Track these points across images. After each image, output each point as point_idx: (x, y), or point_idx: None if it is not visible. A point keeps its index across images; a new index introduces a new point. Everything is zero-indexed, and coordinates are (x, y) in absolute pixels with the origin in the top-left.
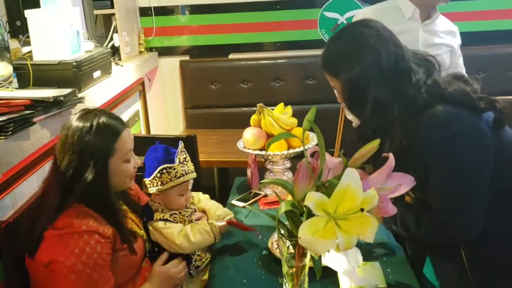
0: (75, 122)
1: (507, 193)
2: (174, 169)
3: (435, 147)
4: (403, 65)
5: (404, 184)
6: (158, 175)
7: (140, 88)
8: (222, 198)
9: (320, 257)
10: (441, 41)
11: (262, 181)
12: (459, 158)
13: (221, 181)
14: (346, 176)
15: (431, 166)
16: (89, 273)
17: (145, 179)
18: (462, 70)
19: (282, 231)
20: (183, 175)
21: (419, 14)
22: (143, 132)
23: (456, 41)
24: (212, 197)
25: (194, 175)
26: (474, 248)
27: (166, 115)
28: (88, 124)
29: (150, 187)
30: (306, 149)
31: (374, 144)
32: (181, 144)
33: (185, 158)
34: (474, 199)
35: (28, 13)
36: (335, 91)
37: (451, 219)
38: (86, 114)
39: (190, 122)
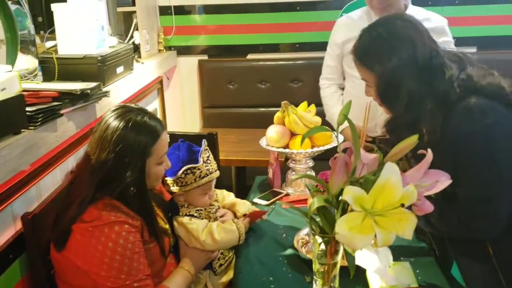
0: (115, 119)
1: None
2: (199, 169)
3: (470, 138)
4: (437, 60)
5: (441, 181)
6: (182, 175)
7: (158, 86)
8: (238, 197)
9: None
10: None
11: (294, 177)
12: (494, 148)
13: (238, 180)
14: (386, 170)
15: (463, 157)
16: (128, 263)
17: (168, 178)
18: None
19: (316, 229)
20: (207, 175)
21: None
22: None
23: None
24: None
25: (217, 173)
26: (502, 244)
27: (183, 114)
28: (130, 123)
29: (174, 186)
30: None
31: (412, 140)
32: (204, 142)
33: (208, 156)
34: (506, 189)
35: (55, 7)
36: (366, 84)
37: (483, 210)
38: (127, 112)
39: (207, 121)
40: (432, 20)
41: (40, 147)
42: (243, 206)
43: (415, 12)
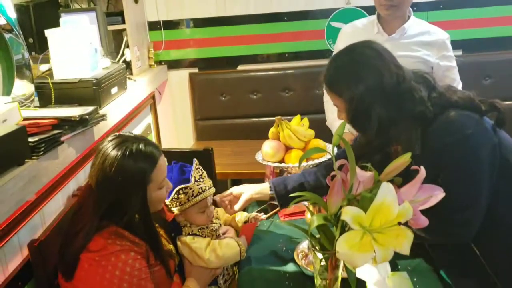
0: (112, 149)
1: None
2: (190, 188)
3: (451, 149)
4: (404, 85)
5: (434, 195)
6: (175, 196)
7: (151, 101)
8: None
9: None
10: (407, 53)
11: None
12: (475, 158)
13: None
14: (382, 190)
15: (445, 168)
16: None
17: (165, 200)
18: (458, 86)
19: (316, 246)
20: (200, 193)
21: (391, 27)
22: None
23: (434, 54)
24: None
25: (212, 190)
26: (488, 244)
27: (176, 127)
28: (127, 152)
29: (171, 207)
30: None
31: (405, 158)
32: (195, 162)
33: (201, 175)
34: (484, 196)
35: (48, 33)
36: (337, 110)
37: (461, 217)
38: (123, 141)
39: (200, 133)
40: (433, 33)
41: (43, 175)
42: (241, 217)
43: (417, 24)
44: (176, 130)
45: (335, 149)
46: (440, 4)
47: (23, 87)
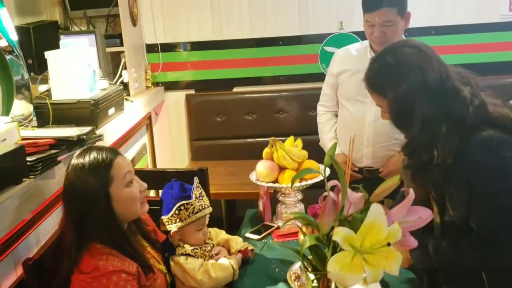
0: (71, 164)
1: None
2: (192, 204)
3: (486, 170)
4: (448, 83)
5: (422, 218)
6: (177, 212)
7: (147, 122)
8: (229, 229)
9: None
10: None
11: (286, 218)
12: (508, 180)
13: (229, 213)
14: (371, 212)
15: (478, 188)
16: None
17: (163, 217)
18: None
19: (308, 267)
20: (200, 210)
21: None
22: (150, 165)
23: None
24: (219, 229)
25: (210, 209)
26: (498, 274)
27: (171, 147)
28: (80, 164)
29: (169, 224)
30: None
31: (394, 181)
32: (196, 180)
33: (200, 193)
34: None
35: (48, 54)
36: (381, 110)
37: (501, 241)
38: (79, 155)
39: (196, 153)
40: None
41: (40, 194)
42: (237, 243)
43: None
44: (172, 150)
45: (327, 169)
46: (432, 30)
47: (22, 107)
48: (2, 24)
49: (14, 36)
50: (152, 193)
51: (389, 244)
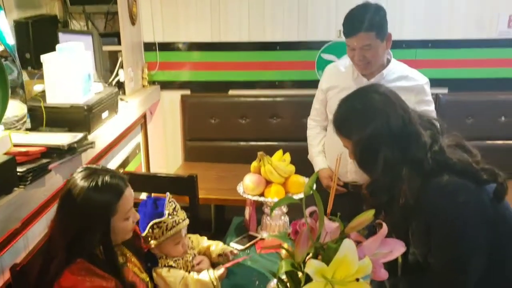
0: (80, 181)
1: (501, 261)
2: (164, 222)
3: (441, 214)
4: (410, 128)
5: (395, 250)
6: (150, 231)
7: (142, 121)
8: (218, 232)
9: None
10: None
11: (271, 229)
12: (464, 226)
13: (218, 216)
14: (343, 246)
15: (435, 230)
16: None
17: (141, 234)
18: None
19: None
20: (174, 226)
21: (371, 73)
22: (143, 164)
23: (412, 99)
24: (208, 231)
25: (186, 222)
26: None
27: (165, 147)
28: (93, 184)
29: (146, 241)
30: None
31: (368, 215)
32: (168, 196)
33: (174, 208)
34: (473, 263)
35: (44, 58)
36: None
37: (453, 281)
38: (90, 173)
39: (189, 154)
40: (411, 79)
41: (30, 203)
42: (216, 248)
43: (397, 68)
44: (165, 150)
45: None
46: (429, 43)
47: (16, 108)
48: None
49: (11, 40)
50: (143, 195)
51: (357, 280)
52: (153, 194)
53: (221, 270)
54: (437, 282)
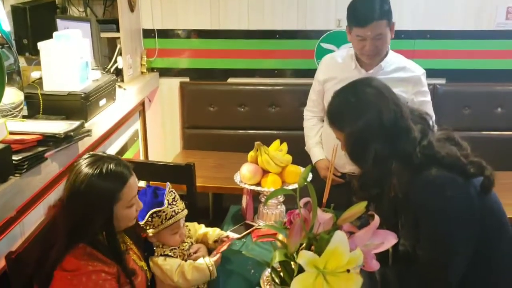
0: (85, 168)
1: (488, 254)
2: (164, 212)
3: (429, 208)
4: (402, 122)
5: (386, 241)
6: (149, 219)
7: (140, 108)
8: (215, 220)
9: None
10: None
11: (268, 218)
12: (451, 220)
13: (216, 204)
14: (335, 238)
15: (422, 223)
16: None
17: (139, 222)
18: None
19: (276, 279)
20: (173, 216)
21: (369, 64)
22: (141, 151)
23: (409, 90)
24: (206, 219)
25: (184, 213)
26: None
27: (164, 134)
28: (97, 171)
29: (144, 229)
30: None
31: (360, 207)
32: (168, 186)
33: (174, 197)
34: (459, 259)
35: (41, 45)
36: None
37: (437, 276)
38: (96, 160)
39: (188, 141)
40: (408, 70)
41: (25, 191)
42: (213, 233)
43: (394, 59)
44: (164, 137)
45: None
46: (427, 34)
47: (12, 95)
48: None
49: (7, 27)
50: (142, 183)
51: (348, 271)
52: (151, 182)
53: (216, 256)
54: (424, 272)
